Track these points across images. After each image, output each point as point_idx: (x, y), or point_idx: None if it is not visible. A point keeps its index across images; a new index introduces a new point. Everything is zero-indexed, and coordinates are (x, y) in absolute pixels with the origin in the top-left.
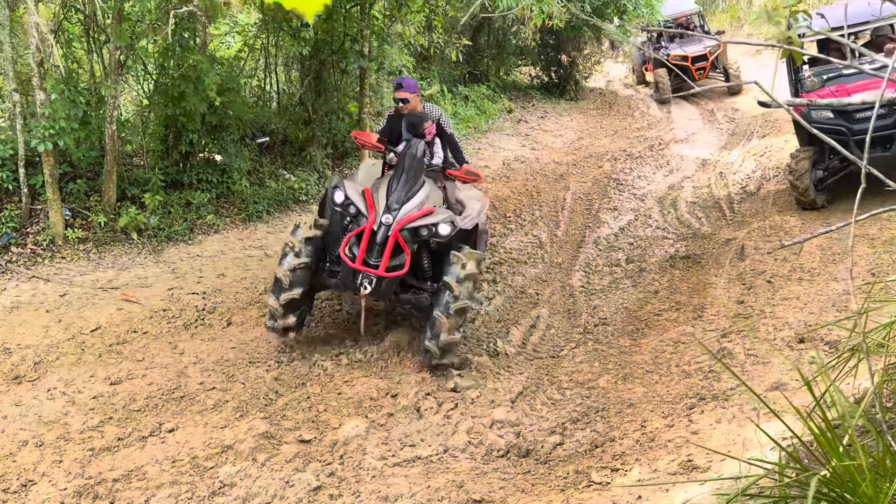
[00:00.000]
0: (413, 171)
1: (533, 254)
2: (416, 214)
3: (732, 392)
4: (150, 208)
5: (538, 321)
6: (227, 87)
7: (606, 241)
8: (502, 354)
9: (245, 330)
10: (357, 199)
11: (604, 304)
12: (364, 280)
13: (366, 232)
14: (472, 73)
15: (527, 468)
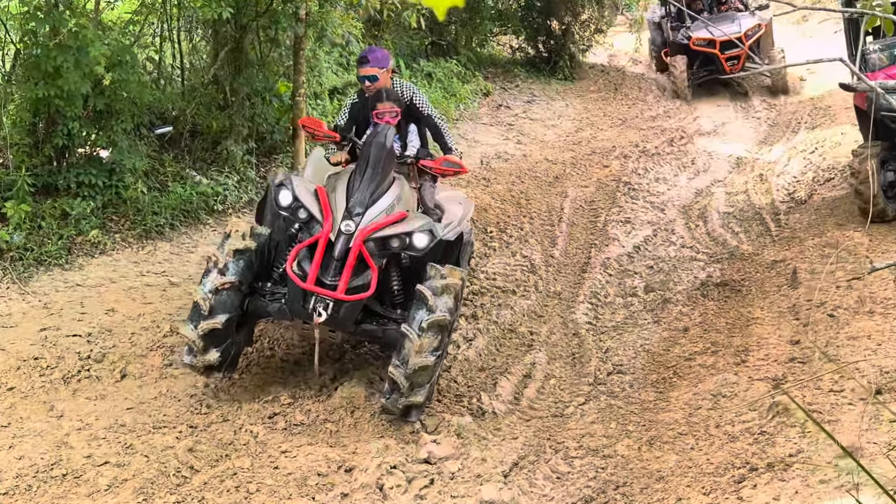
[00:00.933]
0: (380, 164)
1: (523, 281)
2: (385, 221)
3: (793, 459)
4: (13, 222)
5: (534, 369)
6: (118, 60)
7: (618, 263)
8: (489, 413)
9: (145, 384)
10: (308, 201)
11: (618, 345)
12: (318, 304)
13: (320, 243)
14: (437, 44)
15: None
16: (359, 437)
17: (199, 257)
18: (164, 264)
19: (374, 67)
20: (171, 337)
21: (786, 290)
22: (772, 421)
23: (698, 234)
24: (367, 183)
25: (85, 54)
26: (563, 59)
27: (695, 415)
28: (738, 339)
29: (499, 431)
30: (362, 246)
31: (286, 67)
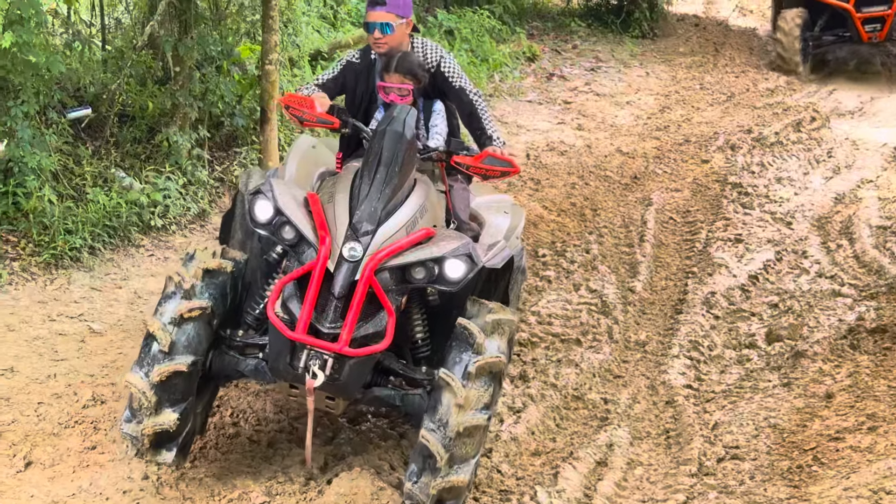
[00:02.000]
0: (397, 162)
1: (592, 326)
2: (405, 242)
3: None
4: None
5: (611, 453)
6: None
7: (727, 300)
8: None
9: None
10: (296, 215)
11: (732, 419)
12: (312, 361)
13: (314, 274)
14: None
15: None
16: None
17: (131, 293)
18: (83, 304)
19: (389, 12)
20: (95, 408)
21: None
22: None
23: (841, 257)
24: (378, 189)
25: None
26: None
27: None
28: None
29: None
30: (373, 278)
31: (251, 24)
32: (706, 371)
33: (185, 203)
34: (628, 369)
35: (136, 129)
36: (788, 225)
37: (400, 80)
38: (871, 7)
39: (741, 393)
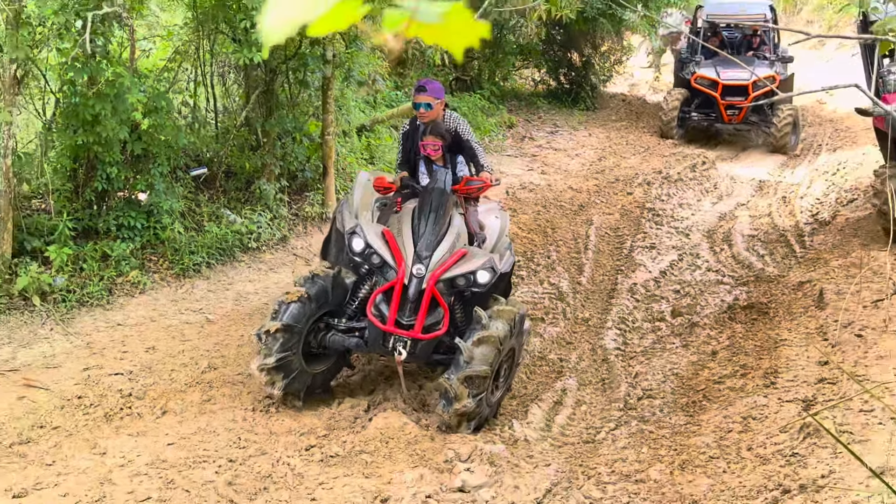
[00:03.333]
0: (442, 208)
1: (552, 308)
2: (450, 261)
3: (825, 480)
4: (56, 265)
5: (565, 396)
6: (154, 106)
7: (645, 288)
8: (521, 441)
9: (185, 420)
10: (380, 247)
11: (647, 370)
12: (398, 343)
13: (396, 287)
14: (461, 80)
15: None
16: (393, 467)
17: (235, 294)
18: (202, 302)
19: (430, 96)
20: (210, 373)
21: (813, 311)
22: (803, 442)
23: (723, 257)
24: (431, 227)
25: (122, 101)
26: (584, 90)
27: (726, 438)
28: (766, 361)
29: (531, 459)
30: (434, 288)
31: (315, 107)
32: (630, 338)
33: (272, 231)
34: (576, 337)
35: (237, 181)
36: (687, 235)
37: (433, 140)
38: (731, 96)
39: (654, 352)
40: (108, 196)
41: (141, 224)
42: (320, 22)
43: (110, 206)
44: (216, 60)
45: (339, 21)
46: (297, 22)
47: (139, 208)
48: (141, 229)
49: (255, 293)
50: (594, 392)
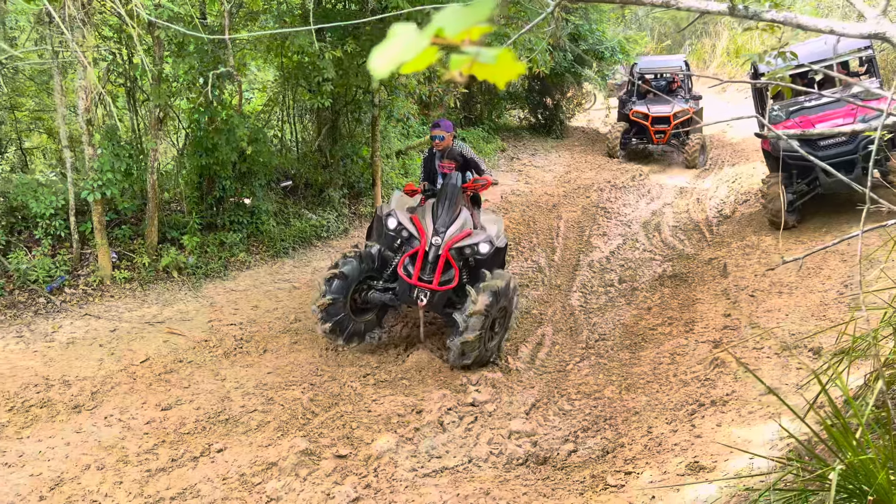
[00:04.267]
0: (454, 198)
1: (534, 277)
2: (460, 236)
3: (729, 398)
4: (188, 249)
5: (544, 339)
6: (255, 137)
7: (599, 263)
8: (514, 370)
9: (280, 356)
10: (408, 224)
11: (602, 321)
12: (420, 294)
13: (419, 252)
14: (468, 118)
15: (545, 474)
16: (425, 389)
17: (312, 268)
18: (289, 275)
19: (443, 130)
20: (296, 324)
21: (719, 279)
22: (713, 371)
23: (655, 241)
24: (446, 211)
25: (233, 134)
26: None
27: (658, 368)
28: (686, 314)
29: (521, 382)
30: (447, 253)
31: (366, 138)
32: (590, 298)
33: (337, 225)
34: (551, 298)
35: (312, 190)
36: (629, 226)
37: (448, 162)
38: (658, 125)
39: (606, 308)
40: (223, 201)
41: (246, 220)
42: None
43: (225, 208)
44: (297, 105)
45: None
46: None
47: (245, 209)
48: (246, 224)
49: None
50: (565, 336)
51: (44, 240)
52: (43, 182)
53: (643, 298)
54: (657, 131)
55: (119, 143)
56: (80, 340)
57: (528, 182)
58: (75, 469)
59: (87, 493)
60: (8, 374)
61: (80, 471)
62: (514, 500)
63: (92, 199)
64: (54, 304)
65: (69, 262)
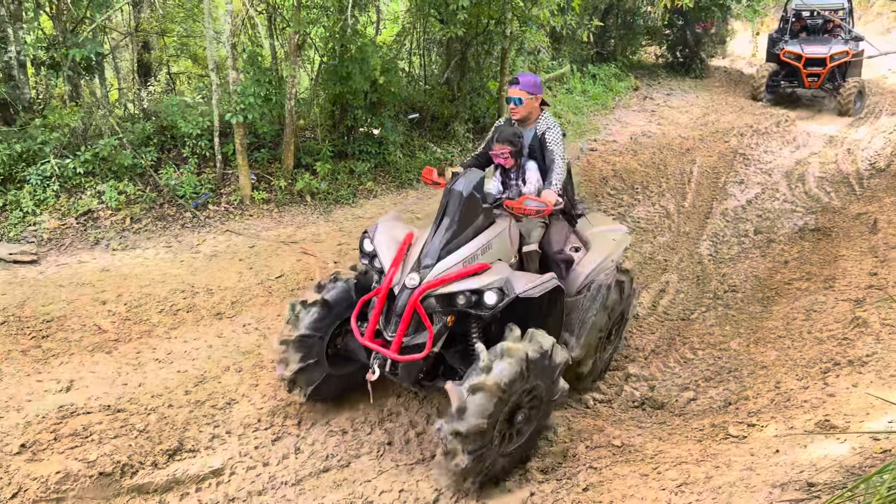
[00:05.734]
0: (457, 213)
1: (660, 223)
2: (457, 274)
3: (869, 359)
4: (320, 175)
5: (668, 286)
6: (386, 67)
7: (734, 212)
8: (634, 315)
9: None
10: (385, 251)
11: (733, 272)
12: (374, 360)
13: (379, 296)
14: (600, 54)
15: (662, 419)
16: None
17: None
18: (413, 205)
19: (522, 90)
20: None
21: (867, 236)
22: (853, 331)
23: (797, 192)
24: (441, 233)
25: (366, 64)
26: (695, 63)
27: (791, 324)
28: (827, 270)
29: (641, 328)
30: (417, 303)
31: (495, 71)
32: (720, 248)
33: (461, 158)
34: (678, 245)
35: (438, 123)
36: (769, 175)
37: (501, 147)
38: (812, 66)
39: (739, 259)
40: (354, 130)
41: (374, 150)
42: None
43: (355, 137)
44: (427, 37)
45: None
46: None
47: (374, 139)
48: (374, 154)
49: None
50: (690, 285)
51: (190, 158)
52: (190, 104)
53: (780, 251)
54: (810, 74)
55: (260, 68)
56: (222, 254)
57: (661, 124)
58: (216, 369)
59: (226, 391)
60: (159, 279)
61: (221, 371)
62: (629, 440)
63: (234, 122)
64: (199, 220)
65: (213, 181)
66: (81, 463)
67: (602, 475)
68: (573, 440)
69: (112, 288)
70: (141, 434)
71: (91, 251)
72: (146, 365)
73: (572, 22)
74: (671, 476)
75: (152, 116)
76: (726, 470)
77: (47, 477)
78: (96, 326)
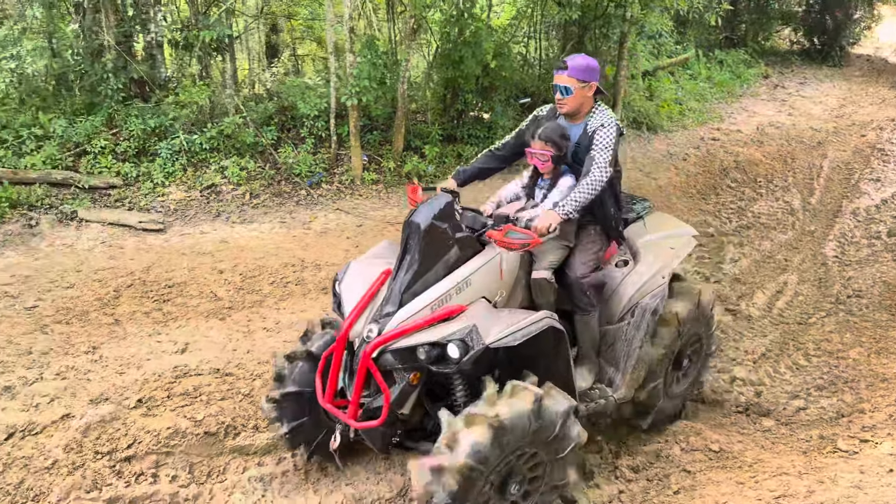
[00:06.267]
0: (420, 249)
1: (783, 220)
2: (413, 325)
3: None
4: (429, 158)
5: (785, 287)
6: (499, 52)
7: (866, 212)
8: (744, 315)
9: None
10: (349, 296)
11: (859, 276)
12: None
13: (336, 351)
14: (729, 38)
15: (766, 427)
16: None
17: None
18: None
19: (572, 78)
20: None
21: None
22: None
23: None
24: (402, 274)
25: (479, 48)
26: (833, 50)
27: None
28: None
29: (752, 329)
30: (369, 361)
31: (612, 56)
32: (848, 249)
33: None
34: (801, 245)
35: None
36: None
37: (542, 146)
38: None
39: (867, 262)
40: (464, 114)
41: (483, 134)
42: None
43: (465, 121)
44: (544, 20)
45: None
46: None
47: (483, 124)
48: (483, 138)
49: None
50: (811, 287)
51: (308, 138)
52: (310, 86)
53: None
54: None
55: (376, 52)
56: (332, 231)
57: (791, 114)
58: None
59: None
60: (272, 252)
61: None
62: (728, 445)
63: (349, 104)
64: (312, 197)
65: (327, 161)
66: (190, 421)
67: (695, 479)
68: (668, 441)
69: (229, 258)
70: (245, 398)
71: (212, 223)
72: (255, 333)
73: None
74: (769, 486)
75: (275, 97)
76: (831, 486)
77: (159, 431)
78: (213, 294)
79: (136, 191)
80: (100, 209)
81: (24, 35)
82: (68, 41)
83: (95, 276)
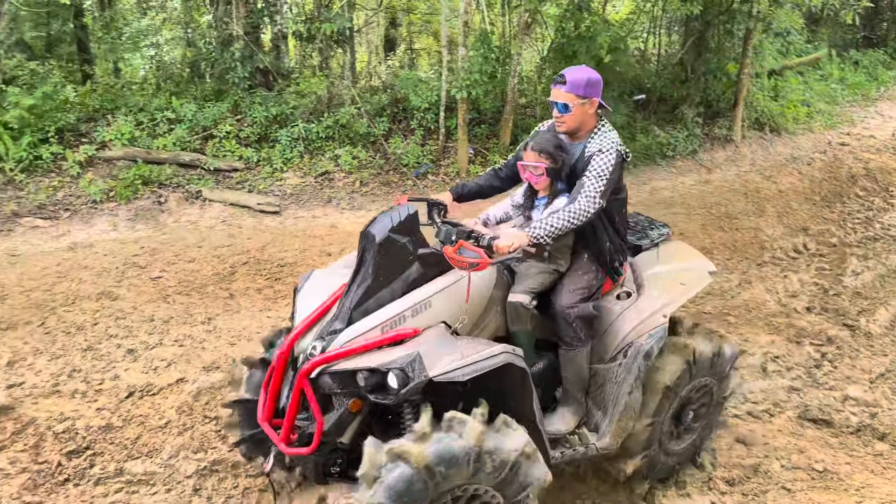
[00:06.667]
0: (374, 263)
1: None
2: (359, 346)
3: None
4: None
5: None
6: (614, 46)
7: None
8: (864, 332)
9: None
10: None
11: None
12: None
13: (276, 367)
14: (868, 38)
15: (879, 450)
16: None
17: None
18: None
19: (569, 93)
20: None
21: None
22: None
23: None
24: (355, 289)
25: (594, 42)
26: None
27: None
28: None
29: (870, 347)
30: (305, 381)
31: (736, 53)
32: None
33: (685, 145)
34: None
35: (665, 105)
36: None
37: (536, 158)
38: None
39: None
40: None
41: None
42: None
43: None
44: (665, 15)
45: None
46: None
47: None
48: None
49: (665, 189)
50: None
51: (417, 130)
52: (423, 79)
53: None
54: None
55: (489, 45)
56: None
57: None
58: None
59: None
60: None
61: None
62: (833, 466)
63: (459, 97)
64: (418, 188)
65: (434, 153)
66: None
67: (795, 499)
68: (768, 456)
69: (337, 242)
70: None
71: (324, 208)
72: None
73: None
74: None
75: (388, 89)
76: None
77: None
78: None
79: (257, 174)
80: (222, 190)
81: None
82: (202, 31)
83: (215, 253)
